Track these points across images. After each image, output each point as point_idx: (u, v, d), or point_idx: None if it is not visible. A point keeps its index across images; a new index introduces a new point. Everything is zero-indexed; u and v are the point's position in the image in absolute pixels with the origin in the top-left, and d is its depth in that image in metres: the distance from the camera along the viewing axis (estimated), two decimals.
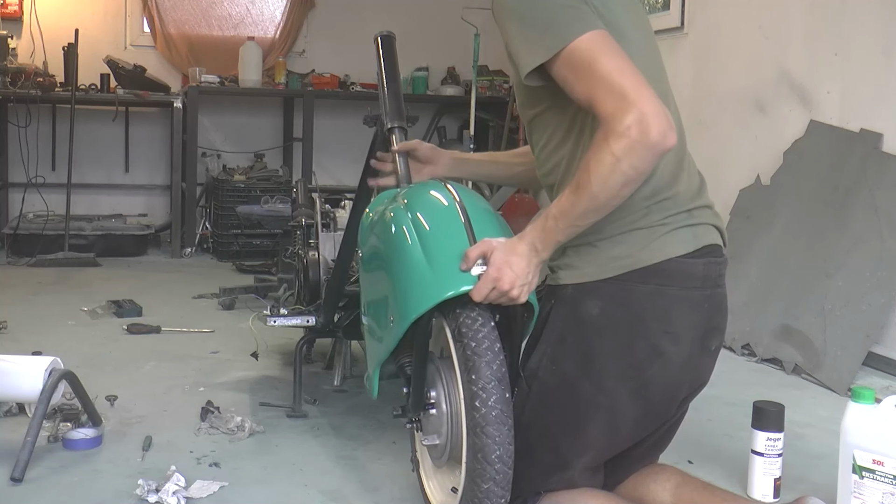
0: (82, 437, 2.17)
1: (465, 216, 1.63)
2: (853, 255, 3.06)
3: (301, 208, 2.86)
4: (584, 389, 1.58)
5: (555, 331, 1.61)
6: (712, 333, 1.64)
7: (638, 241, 1.56)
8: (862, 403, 1.77)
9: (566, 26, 1.47)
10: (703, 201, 1.65)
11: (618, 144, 1.40)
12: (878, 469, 1.73)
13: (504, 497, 1.53)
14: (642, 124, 1.39)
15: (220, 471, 2.07)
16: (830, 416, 2.49)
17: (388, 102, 2.07)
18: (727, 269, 1.67)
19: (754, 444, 2.01)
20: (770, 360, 3.17)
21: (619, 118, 1.40)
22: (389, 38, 2.17)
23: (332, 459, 2.17)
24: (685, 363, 1.59)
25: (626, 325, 1.56)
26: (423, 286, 1.59)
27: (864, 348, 2.92)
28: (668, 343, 1.56)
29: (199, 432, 2.30)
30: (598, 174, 1.43)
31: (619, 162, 1.41)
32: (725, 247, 1.68)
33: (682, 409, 1.73)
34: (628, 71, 1.43)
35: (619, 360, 1.57)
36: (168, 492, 1.88)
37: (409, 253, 1.63)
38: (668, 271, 1.56)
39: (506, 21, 1.55)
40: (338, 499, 1.96)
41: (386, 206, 1.78)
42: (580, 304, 1.58)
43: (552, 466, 1.62)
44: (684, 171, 1.62)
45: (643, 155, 1.41)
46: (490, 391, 1.52)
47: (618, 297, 1.56)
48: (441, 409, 1.69)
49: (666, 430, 1.74)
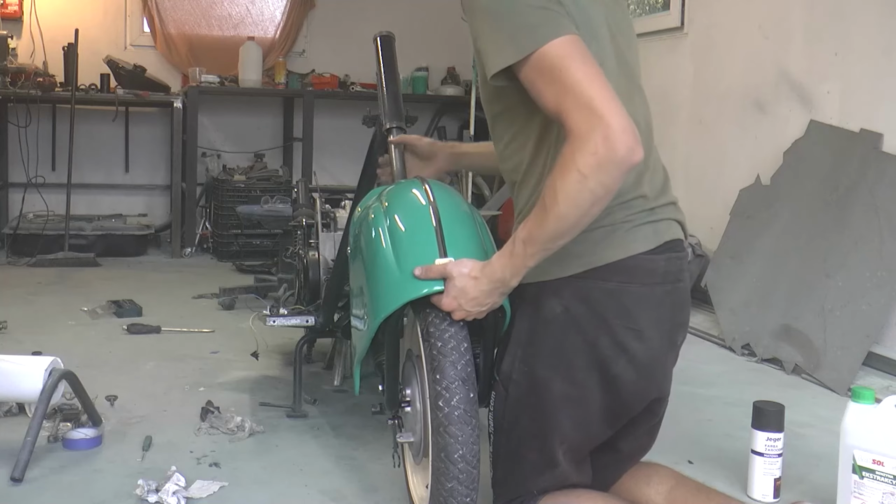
0: (82, 437, 2.17)
1: (437, 219, 1.64)
2: (853, 255, 3.06)
3: (301, 208, 2.86)
4: (556, 386, 1.58)
5: (522, 331, 1.62)
6: (677, 329, 1.65)
7: (600, 239, 1.55)
8: (862, 403, 1.77)
9: (537, 29, 1.45)
10: (666, 198, 1.65)
11: (585, 162, 1.38)
12: (878, 469, 1.73)
13: (469, 496, 1.54)
14: (609, 140, 1.37)
15: (220, 471, 2.07)
16: (830, 416, 2.49)
17: (387, 102, 2.07)
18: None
19: (754, 444, 2.01)
20: (770, 360, 3.17)
21: (586, 134, 1.38)
22: (389, 38, 2.17)
23: (332, 459, 2.17)
24: (653, 359, 1.60)
25: (589, 322, 1.56)
26: (391, 287, 1.61)
27: (864, 348, 2.92)
28: (632, 339, 1.56)
29: (199, 432, 2.30)
30: (566, 193, 1.41)
31: (586, 179, 1.39)
32: (686, 240, 1.69)
33: (661, 409, 1.73)
34: (597, 82, 1.41)
35: (586, 355, 1.57)
36: (168, 492, 1.88)
37: (382, 254, 1.65)
38: (630, 268, 1.56)
39: (476, 16, 1.53)
40: (338, 499, 1.97)
41: (370, 205, 1.80)
42: (544, 303, 1.58)
43: (540, 465, 1.63)
44: (648, 171, 1.62)
45: (611, 172, 1.39)
46: (453, 391, 1.53)
47: (580, 295, 1.56)
48: (415, 407, 1.71)
49: (647, 429, 1.74)
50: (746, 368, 3.16)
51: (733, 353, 3.28)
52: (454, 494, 1.53)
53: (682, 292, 1.65)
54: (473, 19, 1.54)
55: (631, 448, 1.75)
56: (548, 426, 1.61)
